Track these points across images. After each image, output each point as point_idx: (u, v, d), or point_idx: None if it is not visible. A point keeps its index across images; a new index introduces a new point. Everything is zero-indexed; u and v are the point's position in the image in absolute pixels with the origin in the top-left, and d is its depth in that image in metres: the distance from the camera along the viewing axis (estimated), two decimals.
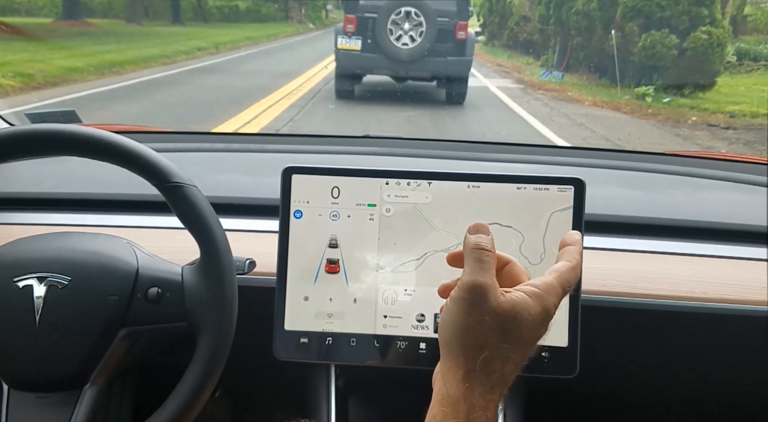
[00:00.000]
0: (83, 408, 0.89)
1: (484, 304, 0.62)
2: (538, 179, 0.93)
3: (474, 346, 0.63)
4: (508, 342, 0.62)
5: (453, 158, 1.50)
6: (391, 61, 7.16)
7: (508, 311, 0.62)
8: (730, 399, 1.24)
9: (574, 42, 11.10)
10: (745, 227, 1.23)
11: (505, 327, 0.62)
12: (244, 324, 0.91)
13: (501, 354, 0.62)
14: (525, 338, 0.64)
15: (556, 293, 0.65)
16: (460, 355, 0.63)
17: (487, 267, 0.64)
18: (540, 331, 0.65)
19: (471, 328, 0.63)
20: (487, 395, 0.62)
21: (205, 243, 0.90)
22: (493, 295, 0.63)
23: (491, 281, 0.64)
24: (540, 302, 0.64)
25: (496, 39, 17.13)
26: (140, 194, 1.15)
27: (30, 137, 0.90)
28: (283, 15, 27.05)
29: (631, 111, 8.03)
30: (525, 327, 0.63)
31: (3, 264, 0.91)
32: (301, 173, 0.95)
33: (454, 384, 0.62)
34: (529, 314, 0.63)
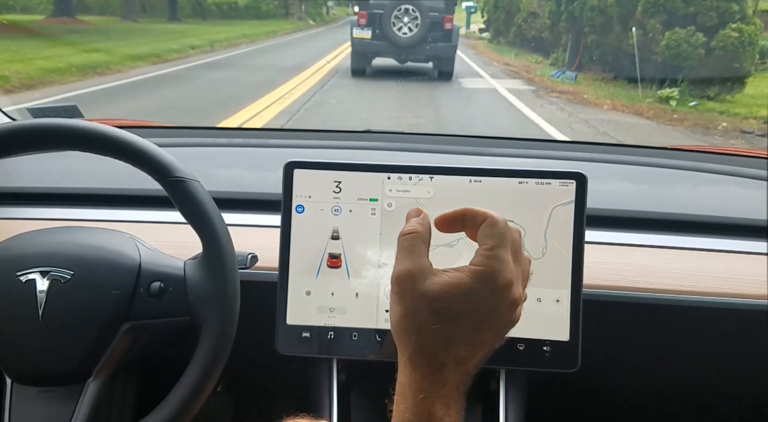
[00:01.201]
0: (86, 402, 0.90)
1: (413, 290, 0.62)
2: (540, 173, 0.93)
3: (408, 332, 0.63)
4: (443, 321, 0.61)
5: (455, 152, 1.50)
6: (394, 46, 9.36)
7: (438, 292, 0.61)
8: (732, 392, 1.24)
9: (588, 40, 10.39)
10: (746, 222, 1.23)
11: (436, 307, 0.61)
12: (247, 318, 0.91)
13: (438, 335, 0.61)
14: (470, 316, 0.62)
15: (497, 257, 0.62)
16: (401, 343, 0.64)
17: (414, 253, 0.64)
18: (498, 305, 0.63)
19: (403, 316, 0.63)
20: (432, 377, 0.61)
21: (208, 238, 0.90)
22: (421, 278, 0.62)
23: (417, 265, 0.63)
24: (479, 276, 0.62)
25: (501, 36, 16.60)
26: (142, 188, 1.15)
27: (33, 131, 0.90)
28: (283, 12, 26.83)
29: (655, 116, 7.41)
30: (464, 305, 0.61)
31: (6, 259, 0.92)
32: (302, 167, 0.95)
33: (402, 371, 0.63)
34: (464, 291, 0.61)
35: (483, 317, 0.62)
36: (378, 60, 10.03)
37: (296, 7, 26.62)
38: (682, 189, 1.43)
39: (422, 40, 9.29)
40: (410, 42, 9.28)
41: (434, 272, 0.63)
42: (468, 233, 0.68)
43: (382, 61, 10.09)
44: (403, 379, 0.63)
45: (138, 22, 18.32)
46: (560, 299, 0.94)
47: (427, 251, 0.65)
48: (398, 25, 9.22)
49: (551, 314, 0.94)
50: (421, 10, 9.23)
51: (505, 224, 0.65)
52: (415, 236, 0.65)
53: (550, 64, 11.81)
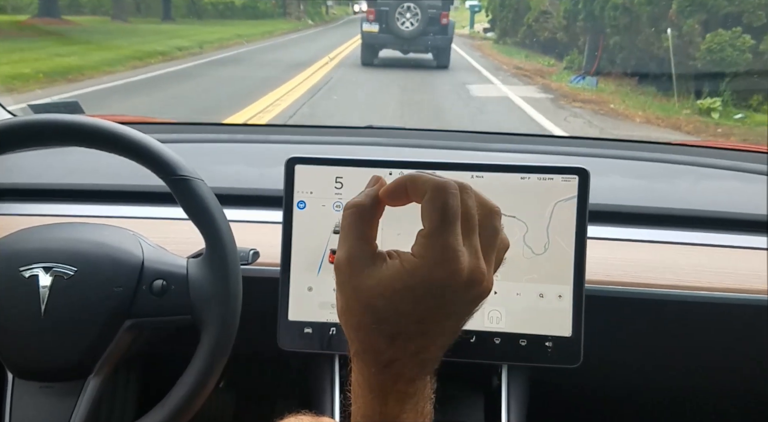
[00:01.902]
0: (87, 398, 0.90)
1: (349, 282, 0.54)
2: (542, 168, 0.93)
3: (349, 327, 0.57)
4: (381, 321, 0.54)
5: (456, 148, 1.49)
6: (398, 38, 10.85)
7: (373, 288, 0.53)
8: (734, 387, 1.24)
9: (610, 41, 9.38)
10: (747, 216, 1.23)
11: (373, 305, 0.53)
12: (248, 314, 0.91)
13: (380, 333, 0.54)
14: (414, 311, 0.53)
15: (436, 242, 0.52)
16: (347, 337, 0.58)
17: (353, 233, 0.55)
18: (449, 292, 0.53)
19: (344, 310, 0.56)
20: (381, 374, 0.55)
21: (211, 237, 0.90)
22: (357, 268, 0.54)
23: (355, 250, 0.54)
24: (417, 269, 0.52)
25: (508, 36, 15.60)
26: (145, 185, 1.15)
27: (38, 127, 0.91)
28: (281, 11, 26.22)
29: (696, 130, 6.43)
30: (405, 302, 0.53)
31: (9, 254, 0.92)
32: (304, 163, 0.95)
33: (353, 367, 0.58)
34: (404, 287, 0.52)
35: (429, 311, 0.54)
36: (384, 52, 11.46)
37: (294, 7, 26.13)
38: (684, 184, 1.42)
39: (422, 33, 10.79)
40: (412, 35, 10.75)
41: (373, 258, 0.54)
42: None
43: (387, 52, 11.50)
44: (354, 377, 0.58)
45: (129, 22, 17.66)
46: (562, 294, 0.94)
47: (370, 231, 0.56)
48: (401, 20, 10.68)
49: (553, 310, 0.94)
50: (421, 7, 10.68)
51: (450, 190, 0.54)
52: (352, 213, 0.55)
53: (565, 68, 10.75)
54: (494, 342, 0.95)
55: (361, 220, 0.55)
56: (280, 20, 24.02)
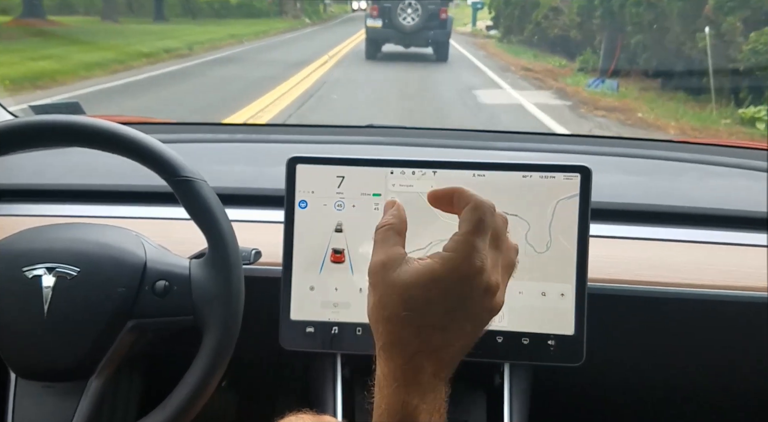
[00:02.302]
0: (89, 399, 0.90)
1: (385, 279, 0.62)
2: (544, 167, 0.93)
3: (379, 320, 0.62)
4: (413, 308, 0.60)
5: (458, 146, 1.49)
6: (400, 33, 11.57)
7: (408, 279, 0.61)
8: (736, 385, 1.24)
9: (632, 41, 8.56)
10: (748, 214, 1.23)
11: (406, 295, 0.60)
12: (251, 314, 0.91)
13: (408, 323, 0.61)
14: (442, 303, 0.60)
15: (468, 243, 0.60)
16: (375, 332, 0.64)
17: (388, 244, 0.64)
18: (470, 292, 0.61)
19: (376, 305, 0.63)
20: (405, 366, 0.61)
21: (213, 239, 0.90)
22: (392, 267, 0.62)
23: (389, 254, 0.63)
24: (449, 263, 0.60)
25: (513, 34, 15.02)
26: (147, 185, 1.15)
27: (40, 128, 0.91)
28: (277, 9, 25.65)
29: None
30: (435, 291, 0.60)
31: (12, 254, 0.92)
32: (305, 162, 0.95)
33: (378, 362, 0.63)
34: (435, 278, 0.60)
35: (454, 304, 0.61)
36: (386, 47, 12.20)
37: (291, 5, 25.57)
38: (685, 181, 1.42)
39: (423, 28, 11.52)
40: (413, 29, 11.50)
41: (407, 261, 0.63)
42: (458, 214, 0.66)
43: (389, 46, 12.20)
44: (379, 370, 0.63)
45: (119, 22, 16.82)
46: (565, 293, 0.94)
47: (402, 241, 0.65)
48: (403, 16, 11.46)
49: (556, 309, 0.94)
50: (421, 4, 11.51)
51: (488, 209, 0.62)
52: (388, 228, 0.66)
53: (579, 70, 9.87)
54: (497, 341, 0.95)
55: (393, 234, 0.65)
56: (277, 19, 23.52)
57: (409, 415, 0.60)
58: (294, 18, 24.33)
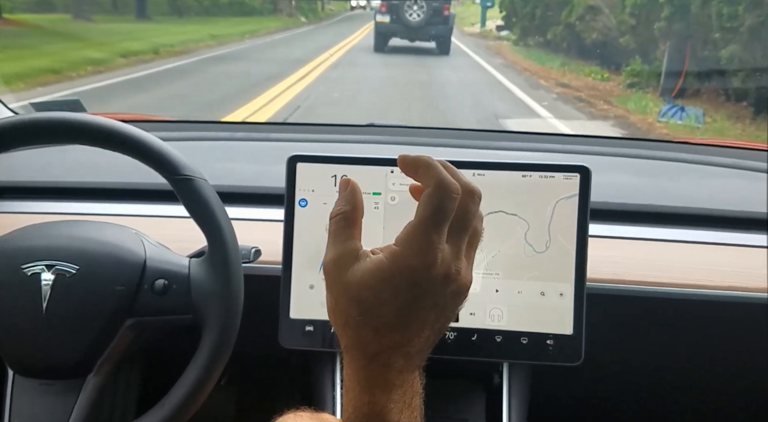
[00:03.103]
0: (87, 396, 0.90)
1: (338, 280, 0.58)
2: (544, 166, 0.93)
3: (338, 324, 0.60)
4: (366, 312, 0.57)
5: (458, 146, 1.49)
6: (406, 28, 12.39)
7: (358, 280, 0.57)
8: (735, 385, 1.24)
9: (723, 55, 6.13)
10: (748, 214, 1.23)
11: (358, 297, 0.57)
12: (250, 312, 0.91)
13: (364, 325, 0.58)
14: (394, 302, 0.57)
15: (418, 238, 0.56)
16: (337, 334, 0.61)
17: (339, 238, 0.59)
18: (426, 285, 0.57)
19: (332, 308, 0.60)
20: (369, 366, 0.58)
21: (213, 238, 0.90)
22: (344, 266, 0.58)
23: (341, 250, 0.59)
24: (396, 259, 0.56)
25: (530, 36, 13.47)
26: (147, 182, 1.15)
27: (41, 125, 0.91)
28: (271, 7, 23.99)
29: None
30: (386, 291, 0.56)
31: (11, 251, 0.92)
32: (306, 161, 0.95)
33: (344, 363, 0.61)
34: (384, 277, 0.56)
35: (408, 301, 0.57)
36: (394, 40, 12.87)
37: (286, 3, 23.66)
38: (685, 182, 1.42)
39: (427, 24, 12.36)
40: (418, 24, 12.32)
41: (359, 256, 0.58)
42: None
43: (396, 40, 12.80)
44: (345, 371, 0.61)
45: (92, 20, 14.66)
46: (564, 292, 0.94)
47: (356, 231, 0.60)
48: (409, 12, 12.24)
49: (555, 308, 0.94)
50: (426, 1, 12.28)
51: (449, 193, 0.57)
52: (340, 218, 0.60)
53: (629, 86, 7.57)
54: (495, 340, 0.95)
55: (346, 224, 0.60)
56: (271, 18, 22.01)
57: (376, 415, 0.58)
58: (289, 16, 22.71)
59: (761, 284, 1.06)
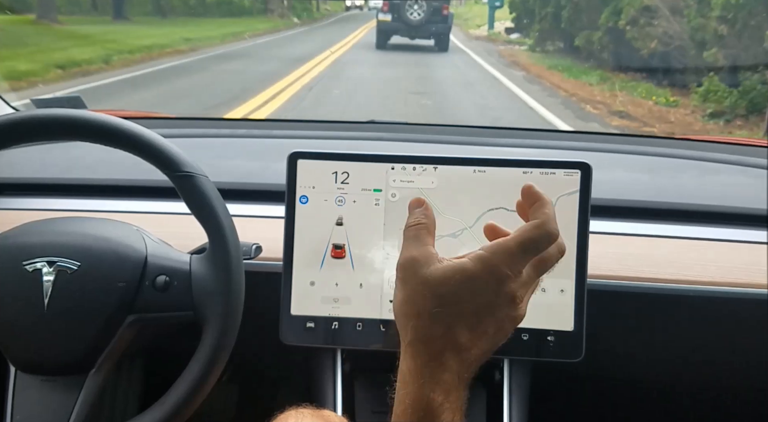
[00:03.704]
0: (88, 393, 0.91)
1: (416, 275, 0.63)
2: (545, 163, 0.93)
3: (408, 316, 0.63)
4: (444, 305, 0.61)
5: (459, 143, 1.49)
6: (407, 26, 13.10)
7: (440, 276, 0.61)
8: (735, 381, 1.24)
9: None
10: (748, 211, 1.23)
11: (438, 292, 0.61)
12: (251, 308, 0.92)
13: (438, 319, 0.61)
14: (472, 302, 0.61)
15: (510, 254, 0.61)
16: (402, 328, 0.64)
17: (420, 241, 0.65)
18: (496, 297, 0.62)
19: (405, 301, 0.63)
20: (432, 363, 0.61)
21: (214, 234, 0.90)
22: (425, 264, 0.63)
23: (422, 252, 0.64)
24: (484, 265, 0.61)
25: (549, 40, 12.16)
26: (148, 179, 1.15)
27: (42, 122, 0.91)
28: (262, 7, 22.53)
29: None
30: (466, 290, 0.61)
31: (13, 248, 0.92)
32: (306, 158, 0.95)
33: (403, 358, 0.64)
34: (467, 277, 0.61)
35: (483, 304, 0.62)
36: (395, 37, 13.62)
37: (277, 2, 22.44)
38: (685, 178, 1.42)
39: (427, 22, 13.08)
40: (418, 23, 13.04)
41: (439, 259, 0.63)
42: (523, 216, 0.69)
43: (396, 38, 13.49)
44: (404, 366, 0.63)
45: (58, 22, 12.94)
46: (565, 289, 0.94)
47: (433, 240, 0.66)
48: (410, 11, 12.96)
49: (555, 304, 0.94)
50: (426, 1, 13.05)
51: (549, 237, 0.64)
52: (421, 227, 0.66)
53: (711, 117, 5.76)
54: None
55: (426, 232, 0.66)
56: (261, 18, 20.75)
57: (433, 412, 0.60)
58: (280, 17, 21.57)
59: (762, 281, 1.06)
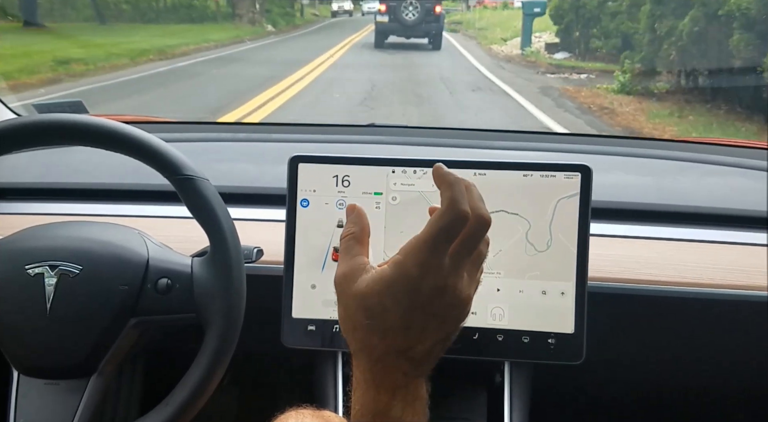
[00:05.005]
0: (91, 396, 0.91)
1: (346, 291, 0.65)
2: (545, 166, 0.93)
3: (347, 330, 0.66)
4: (373, 316, 0.63)
5: (459, 146, 1.50)
6: (402, 26, 14.37)
7: (364, 289, 0.64)
8: (736, 383, 1.24)
9: None
10: (748, 213, 1.23)
11: (364, 304, 0.63)
12: (253, 311, 0.92)
13: (371, 330, 0.64)
14: (397, 307, 0.62)
15: (424, 249, 0.61)
16: (347, 339, 0.67)
17: (350, 254, 0.67)
18: (420, 295, 0.62)
19: (343, 316, 0.67)
20: (374, 368, 0.64)
21: (215, 237, 0.90)
22: (352, 279, 0.65)
23: (350, 265, 0.66)
24: (397, 267, 0.62)
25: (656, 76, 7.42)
26: (149, 183, 1.16)
27: (44, 126, 0.91)
28: (230, 12, 19.70)
29: None
30: (388, 297, 0.62)
31: (15, 252, 0.92)
32: (307, 161, 0.96)
33: (353, 367, 0.67)
34: (386, 284, 0.63)
35: (409, 306, 0.62)
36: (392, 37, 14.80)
37: (245, 6, 18.79)
38: (685, 181, 1.43)
39: (421, 22, 14.34)
40: (413, 23, 14.31)
41: (367, 269, 0.65)
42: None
43: (393, 38, 14.66)
44: (354, 374, 0.67)
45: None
46: (565, 291, 0.94)
47: (364, 249, 0.68)
48: (405, 12, 14.19)
49: (556, 307, 0.94)
50: (420, 2, 14.30)
51: (459, 219, 0.61)
52: (350, 238, 0.69)
53: None
54: (497, 339, 0.95)
55: (354, 243, 0.68)
56: (226, 25, 18.00)
57: (380, 412, 0.64)
58: (250, 23, 18.58)
59: (762, 283, 1.06)
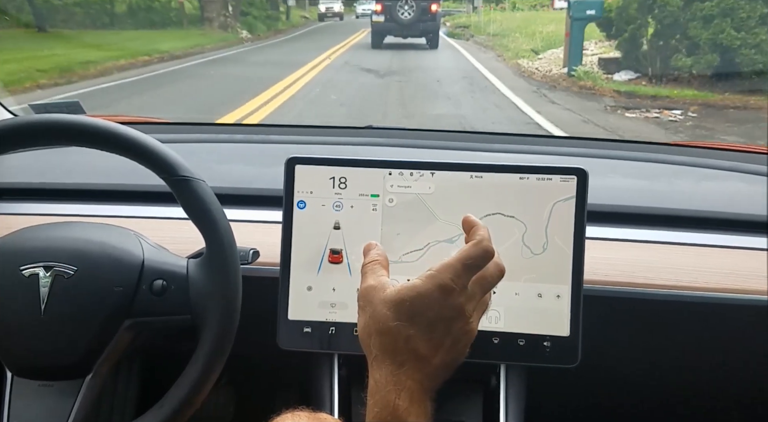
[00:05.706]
0: (86, 397, 0.90)
1: (372, 301, 0.73)
2: (541, 169, 0.93)
3: (371, 334, 0.72)
4: (401, 319, 0.70)
5: (456, 148, 1.50)
6: (399, 25, 14.61)
7: (394, 296, 0.71)
8: (733, 388, 1.24)
9: None
10: (746, 217, 1.23)
11: (394, 308, 0.70)
12: (248, 313, 0.92)
13: (398, 332, 0.70)
14: (425, 315, 0.70)
15: (453, 269, 0.70)
16: (366, 346, 0.73)
17: (376, 274, 0.76)
18: (446, 310, 0.70)
19: (367, 322, 0.73)
20: (395, 372, 0.70)
21: (211, 238, 0.90)
22: (381, 290, 0.73)
23: (378, 281, 0.74)
24: (432, 281, 0.70)
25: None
26: (144, 184, 1.15)
27: (40, 127, 0.91)
28: (199, 15, 17.67)
29: None
30: (419, 304, 0.70)
31: (9, 253, 0.92)
32: (304, 163, 0.96)
33: (370, 372, 0.72)
34: (418, 293, 0.70)
35: (436, 317, 0.70)
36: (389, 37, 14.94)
37: (217, 9, 16.80)
38: (683, 185, 1.43)
39: (417, 21, 14.60)
40: (410, 22, 14.56)
41: (393, 285, 0.73)
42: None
43: (390, 38, 14.81)
44: (372, 379, 0.72)
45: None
46: (561, 294, 0.94)
47: (387, 272, 0.77)
48: (401, 12, 14.46)
49: (551, 310, 0.94)
50: (416, 1, 14.59)
51: (486, 254, 0.72)
52: (375, 263, 0.78)
53: None
54: (493, 342, 0.95)
55: (380, 267, 0.77)
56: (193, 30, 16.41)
57: (398, 416, 0.68)
58: (222, 29, 16.55)
59: (761, 287, 1.06)
